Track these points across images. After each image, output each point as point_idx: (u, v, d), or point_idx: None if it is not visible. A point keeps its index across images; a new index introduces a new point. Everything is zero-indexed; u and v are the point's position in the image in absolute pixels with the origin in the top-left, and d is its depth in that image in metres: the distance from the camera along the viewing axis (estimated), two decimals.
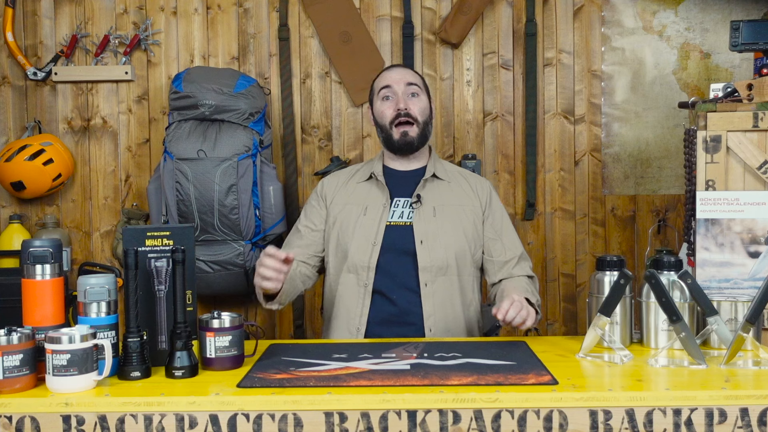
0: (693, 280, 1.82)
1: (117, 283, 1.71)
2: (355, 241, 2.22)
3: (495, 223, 2.30)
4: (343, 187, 2.33)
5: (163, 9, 3.11)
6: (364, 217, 2.24)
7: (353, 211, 2.27)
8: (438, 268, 2.20)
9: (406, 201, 2.26)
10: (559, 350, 1.85)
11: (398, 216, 2.24)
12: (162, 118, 3.12)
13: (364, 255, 2.20)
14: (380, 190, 2.28)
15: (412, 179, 2.29)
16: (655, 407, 1.49)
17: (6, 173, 2.94)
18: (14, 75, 3.12)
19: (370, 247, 2.21)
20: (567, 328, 3.15)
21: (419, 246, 2.20)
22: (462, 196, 2.30)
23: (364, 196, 2.29)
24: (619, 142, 3.11)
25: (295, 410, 1.49)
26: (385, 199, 2.26)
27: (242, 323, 1.74)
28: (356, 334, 2.19)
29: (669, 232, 3.09)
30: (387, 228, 2.22)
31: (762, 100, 1.97)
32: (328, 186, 2.35)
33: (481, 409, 1.48)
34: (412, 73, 2.33)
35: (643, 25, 3.09)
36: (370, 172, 2.31)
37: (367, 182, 2.32)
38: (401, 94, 2.26)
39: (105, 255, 3.15)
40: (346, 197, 2.31)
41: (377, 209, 2.25)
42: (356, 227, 2.24)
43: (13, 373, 1.54)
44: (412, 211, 2.24)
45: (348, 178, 2.35)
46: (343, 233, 2.25)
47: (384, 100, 2.28)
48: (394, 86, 2.26)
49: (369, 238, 2.21)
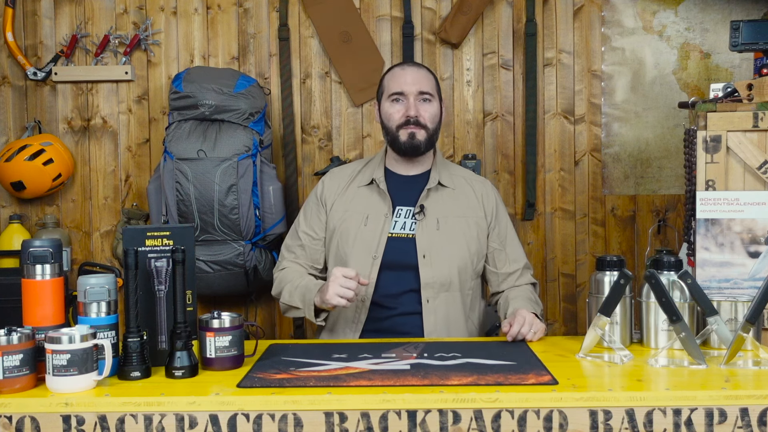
0: (693, 280, 1.82)
1: (117, 283, 1.71)
2: (354, 254, 2.16)
3: (500, 233, 2.26)
4: (343, 191, 2.26)
5: (163, 9, 3.11)
6: (365, 228, 2.18)
7: (353, 219, 2.20)
8: (440, 285, 2.15)
9: (409, 211, 2.19)
10: (559, 350, 1.85)
11: (400, 227, 2.18)
12: (162, 118, 3.12)
13: (364, 269, 2.13)
14: (382, 199, 2.21)
15: (415, 185, 2.23)
16: (655, 407, 1.49)
17: (6, 173, 2.94)
18: (14, 75, 3.12)
19: (370, 260, 2.15)
20: (567, 328, 3.15)
21: (421, 261, 2.14)
22: (466, 207, 2.24)
23: (364, 203, 2.22)
24: (619, 142, 3.11)
25: (295, 410, 1.49)
26: (387, 208, 2.19)
27: (242, 323, 1.74)
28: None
29: (669, 232, 3.09)
30: (388, 240, 2.16)
31: (762, 100, 1.97)
32: (329, 189, 2.28)
33: (481, 409, 1.49)
34: (426, 76, 2.23)
35: (643, 25, 3.09)
36: (371, 178, 2.24)
37: (368, 188, 2.24)
38: (413, 100, 2.18)
39: (105, 255, 3.15)
40: (347, 203, 2.24)
41: (378, 219, 2.18)
42: (356, 238, 2.17)
43: (13, 373, 1.54)
44: (414, 223, 2.18)
45: (349, 181, 2.28)
46: (343, 243, 2.19)
47: (394, 102, 2.20)
48: (407, 93, 2.19)
49: (369, 251, 2.15)
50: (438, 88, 2.28)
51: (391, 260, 2.15)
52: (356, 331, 2.16)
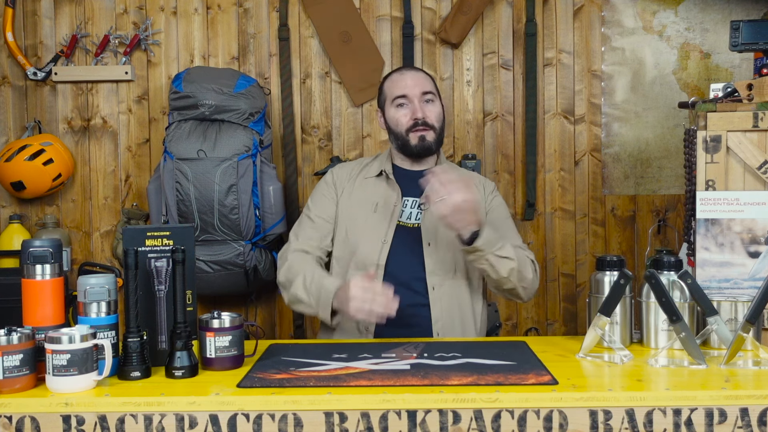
0: (693, 280, 1.82)
1: (117, 283, 1.70)
2: (364, 238, 2.19)
3: (496, 219, 2.28)
4: (353, 180, 2.29)
5: (163, 9, 3.11)
6: (375, 215, 2.21)
7: (363, 207, 2.23)
8: (445, 272, 2.17)
9: (415, 201, 2.23)
10: (559, 350, 1.85)
11: (407, 217, 2.22)
12: (162, 118, 3.12)
13: (374, 252, 2.17)
14: (392, 188, 2.25)
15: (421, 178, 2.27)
16: (655, 407, 1.49)
17: (6, 173, 2.94)
18: (14, 75, 3.12)
19: (379, 245, 2.18)
20: (567, 328, 3.15)
21: (426, 248, 2.17)
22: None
23: (374, 192, 2.26)
24: (619, 142, 3.12)
25: (295, 410, 1.49)
26: (396, 197, 2.23)
27: (242, 323, 1.74)
28: (365, 334, 2.15)
29: (669, 232, 3.09)
30: (397, 228, 2.20)
31: (762, 100, 1.97)
32: (339, 177, 2.30)
33: (481, 409, 1.48)
34: (425, 78, 2.27)
35: (643, 25, 3.09)
36: (381, 169, 2.27)
37: (377, 178, 2.28)
38: (417, 102, 2.21)
39: (105, 255, 3.15)
40: (357, 191, 2.27)
41: (388, 207, 2.22)
42: (366, 224, 2.20)
43: (13, 373, 1.54)
44: (420, 213, 2.22)
45: (358, 171, 2.31)
46: (352, 229, 2.21)
47: (399, 108, 2.23)
48: (410, 95, 2.22)
49: (379, 236, 2.18)
50: (437, 88, 2.31)
51: (399, 247, 2.18)
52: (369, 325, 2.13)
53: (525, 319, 3.17)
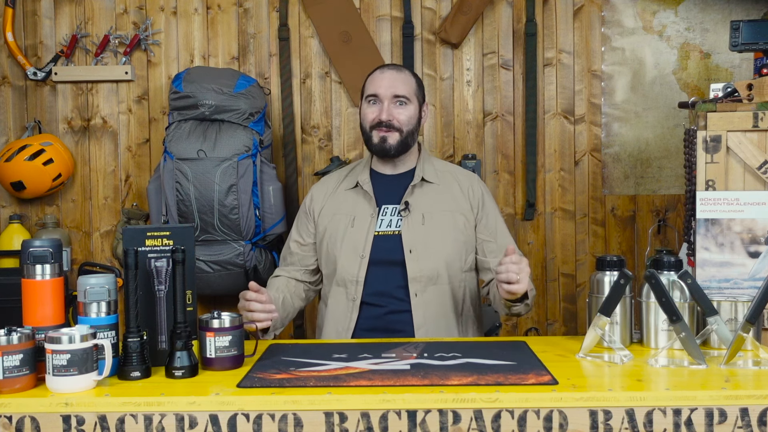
0: (693, 280, 1.82)
1: (117, 283, 1.70)
2: (343, 254, 2.20)
3: (489, 224, 2.27)
4: (331, 195, 2.30)
5: (163, 9, 3.11)
6: (352, 229, 2.21)
7: (341, 221, 2.24)
8: (428, 278, 2.17)
9: (394, 208, 2.22)
10: (559, 350, 1.85)
11: (386, 225, 2.21)
12: (162, 118, 3.12)
13: (352, 268, 2.18)
14: (366, 200, 2.24)
15: (400, 184, 2.25)
16: (655, 407, 1.49)
17: (6, 173, 2.94)
18: (14, 75, 3.12)
19: (358, 260, 2.18)
20: (567, 328, 3.16)
21: (408, 255, 2.17)
22: (452, 201, 2.25)
23: (351, 205, 2.26)
24: (619, 142, 3.12)
25: (295, 410, 1.49)
26: (372, 209, 2.22)
27: (242, 323, 1.74)
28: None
29: (669, 232, 3.09)
30: (375, 238, 2.19)
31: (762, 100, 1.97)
32: (316, 198, 2.32)
33: (481, 409, 1.48)
34: (403, 80, 2.23)
35: (643, 25, 3.09)
36: (356, 181, 2.27)
37: (354, 190, 2.28)
38: (387, 103, 2.20)
39: (105, 255, 3.15)
40: (335, 207, 2.28)
41: (365, 220, 2.22)
42: (344, 239, 2.21)
43: (13, 373, 1.54)
44: (400, 219, 2.20)
45: (337, 185, 2.32)
46: (332, 245, 2.23)
47: (369, 104, 2.24)
48: (381, 95, 2.21)
49: (357, 251, 2.18)
50: (418, 90, 2.28)
51: (378, 258, 2.18)
52: (348, 330, 2.18)
53: (525, 319, 3.17)
